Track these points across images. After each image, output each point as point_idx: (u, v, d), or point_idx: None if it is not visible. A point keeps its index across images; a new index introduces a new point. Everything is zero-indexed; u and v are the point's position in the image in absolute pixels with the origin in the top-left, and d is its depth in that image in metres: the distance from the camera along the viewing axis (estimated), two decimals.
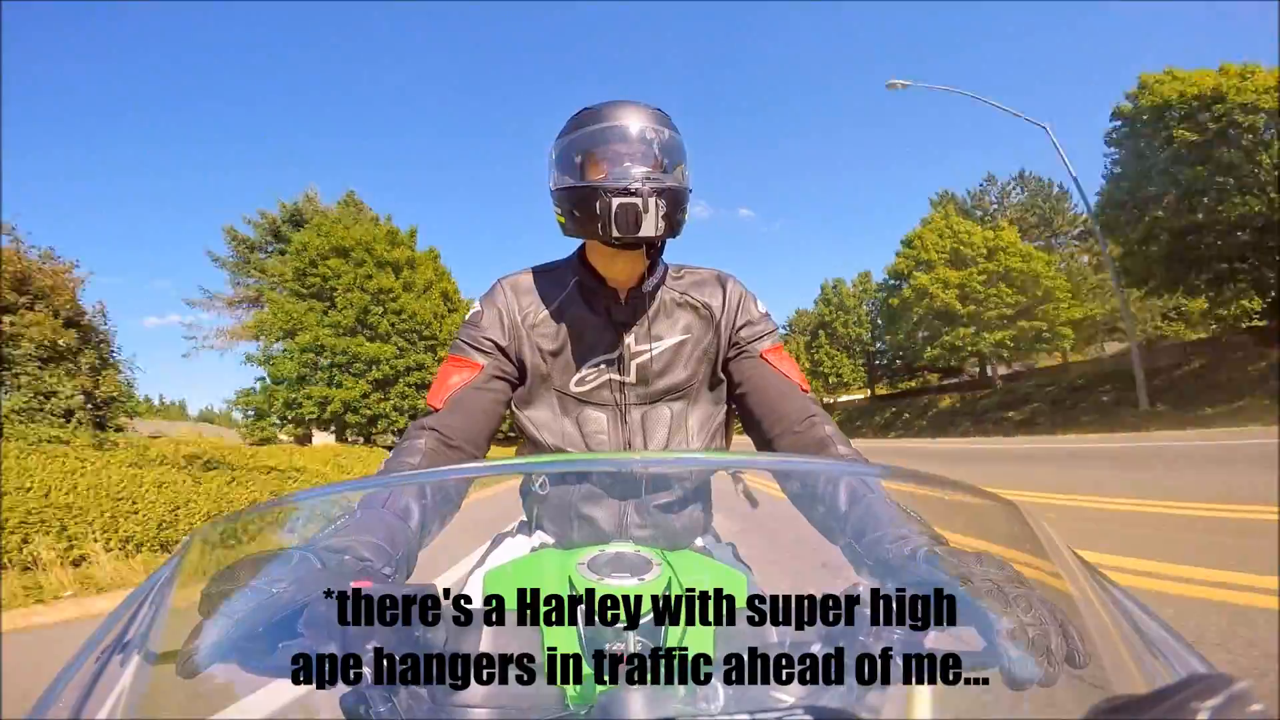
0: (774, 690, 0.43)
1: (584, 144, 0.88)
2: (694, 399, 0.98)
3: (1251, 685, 0.25)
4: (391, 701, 0.40)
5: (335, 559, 0.51)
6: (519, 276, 1.00)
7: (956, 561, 0.49)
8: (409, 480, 0.69)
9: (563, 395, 0.96)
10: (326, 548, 0.53)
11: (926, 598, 0.46)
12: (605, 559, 0.61)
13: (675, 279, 1.00)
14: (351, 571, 0.51)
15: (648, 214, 0.81)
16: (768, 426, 0.92)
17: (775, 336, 1.00)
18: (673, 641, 0.52)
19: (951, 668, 0.44)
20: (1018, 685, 0.39)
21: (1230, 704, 0.24)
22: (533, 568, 0.71)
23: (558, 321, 0.95)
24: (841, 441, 0.87)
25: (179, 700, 0.42)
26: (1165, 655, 0.41)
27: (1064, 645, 0.40)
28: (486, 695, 0.44)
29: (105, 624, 0.46)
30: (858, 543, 0.63)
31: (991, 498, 0.49)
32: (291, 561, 0.44)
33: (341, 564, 0.51)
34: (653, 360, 0.95)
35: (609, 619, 0.53)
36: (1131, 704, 0.27)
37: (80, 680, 0.41)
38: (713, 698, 0.40)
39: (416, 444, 0.85)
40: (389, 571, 0.58)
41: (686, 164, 0.90)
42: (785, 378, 0.95)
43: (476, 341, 0.94)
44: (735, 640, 0.46)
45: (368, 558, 0.56)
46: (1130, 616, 0.44)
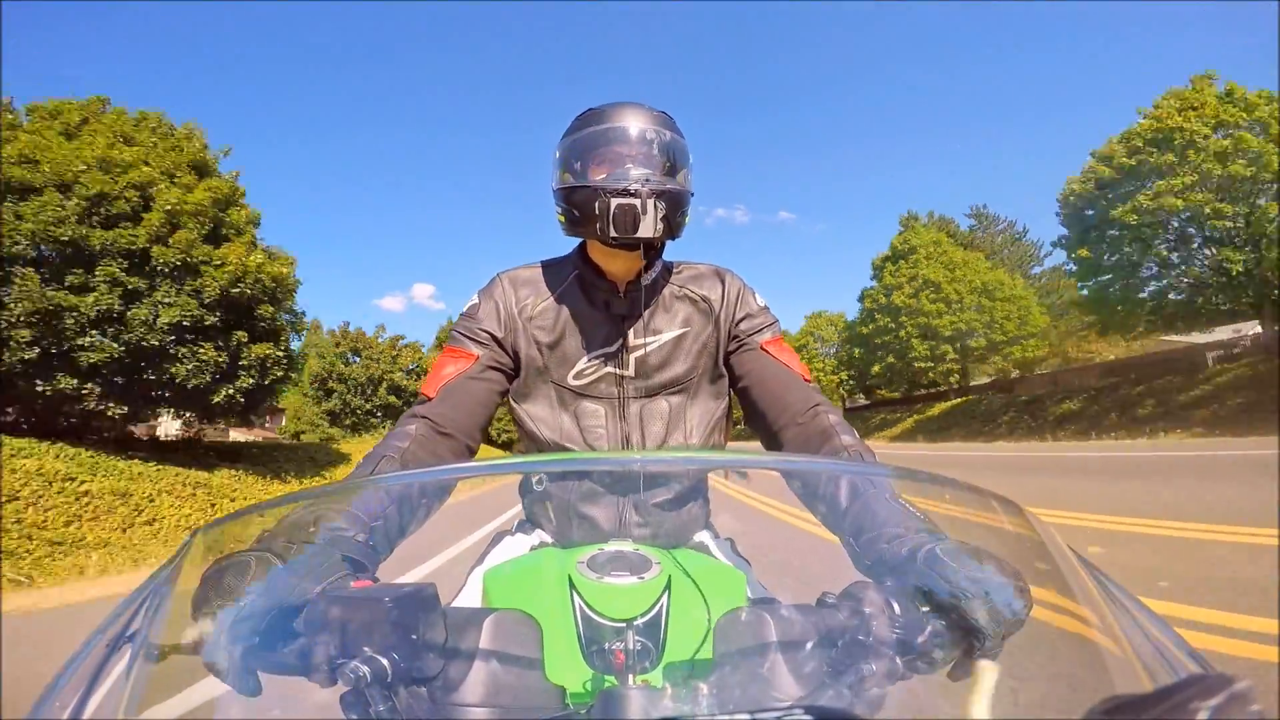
0: (774, 689, 0.43)
1: (585, 144, 0.88)
2: (693, 393, 0.98)
3: (1251, 685, 0.25)
4: (391, 700, 0.40)
5: (333, 556, 0.52)
6: (518, 270, 1.00)
7: (956, 561, 0.49)
8: (409, 480, 0.69)
9: (560, 388, 0.96)
10: (325, 545, 0.54)
11: (926, 597, 0.46)
12: (605, 557, 0.61)
13: (674, 273, 1.00)
14: (349, 568, 0.51)
15: (646, 215, 0.81)
16: (772, 418, 0.92)
17: (775, 328, 1.00)
18: (672, 640, 0.52)
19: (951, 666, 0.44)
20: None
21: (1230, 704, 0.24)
22: (532, 566, 0.71)
23: (556, 314, 0.96)
24: (846, 431, 0.87)
25: (179, 699, 0.42)
26: (1165, 655, 0.41)
27: None
28: (486, 694, 0.44)
29: (106, 622, 0.46)
30: (856, 540, 0.63)
31: (991, 497, 0.49)
32: (290, 560, 0.44)
33: (338, 561, 0.51)
34: (652, 354, 0.95)
35: (608, 617, 0.53)
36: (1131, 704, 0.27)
37: (81, 678, 0.41)
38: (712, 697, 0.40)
39: (407, 429, 0.85)
40: (384, 554, 0.60)
41: (689, 167, 0.90)
42: (787, 368, 0.95)
43: (472, 333, 0.94)
44: (735, 639, 0.46)
45: (363, 554, 0.57)
46: (1130, 616, 0.44)
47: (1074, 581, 0.46)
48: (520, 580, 0.67)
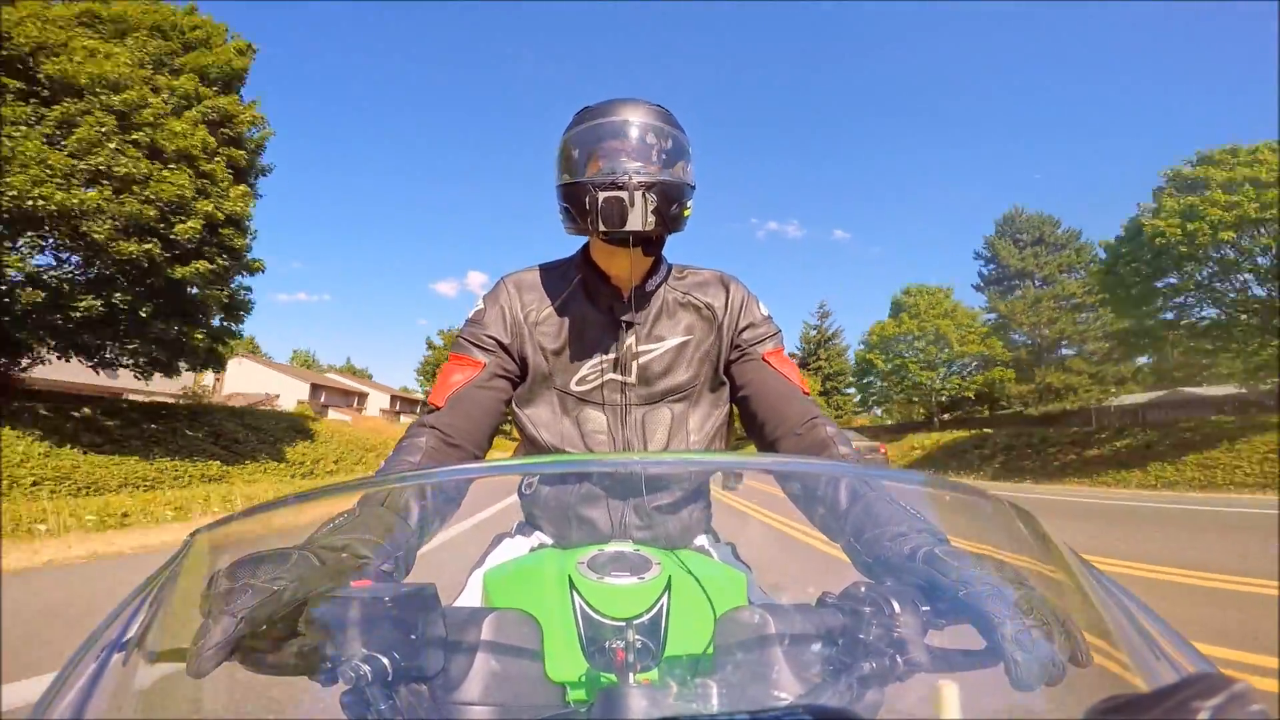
0: (774, 688, 0.43)
1: (580, 140, 0.88)
2: (695, 400, 0.98)
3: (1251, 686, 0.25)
4: (392, 700, 0.40)
5: (335, 557, 0.51)
6: (523, 274, 1.00)
7: (957, 561, 0.49)
8: (408, 480, 0.69)
9: (563, 394, 0.96)
10: (326, 546, 0.53)
11: (927, 597, 0.46)
12: (605, 558, 0.61)
13: (678, 279, 1.00)
14: (351, 570, 0.51)
15: (634, 208, 0.81)
16: (770, 429, 0.92)
17: (778, 339, 1.00)
18: (673, 640, 0.52)
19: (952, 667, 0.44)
20: (1023, 685, 0.39)
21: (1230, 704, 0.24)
22: (533, 566, 0.71)
23: (560, 320, 0.95)
24: (843, 442, 0.87)
25: (180, 699, 0.42)
26: (1165, 655, 0.41)
27: (1067, 644, 0.40)
28: (486, 692, 0.44)
29: (105, 623, 0.46)
30: (857, 540, 0.63)
31: (991, 498, 0.49)
32: (291, 560, 0.44)
33: (341, 562, 0.51)
34: (654, 361, 0.95)
35: (609, 617, 0.53)
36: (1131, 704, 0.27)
37: (81, 680, 0.41)
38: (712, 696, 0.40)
39: (417, 442, 0.85)
40: (389, 569, 0.58)
41: (688, 161, 0.90)
42: (787, 380, 0.95)
43: (478, 339, 0.94)
44: (735, 639, 0.46)
45: (367, 556, 0.56)
46: (1130, 616, 0.44)
47: (1073, 581, 0.46)
48: (520, 580, 0.67)
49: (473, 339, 0.94)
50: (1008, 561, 0.48)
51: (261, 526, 0.52)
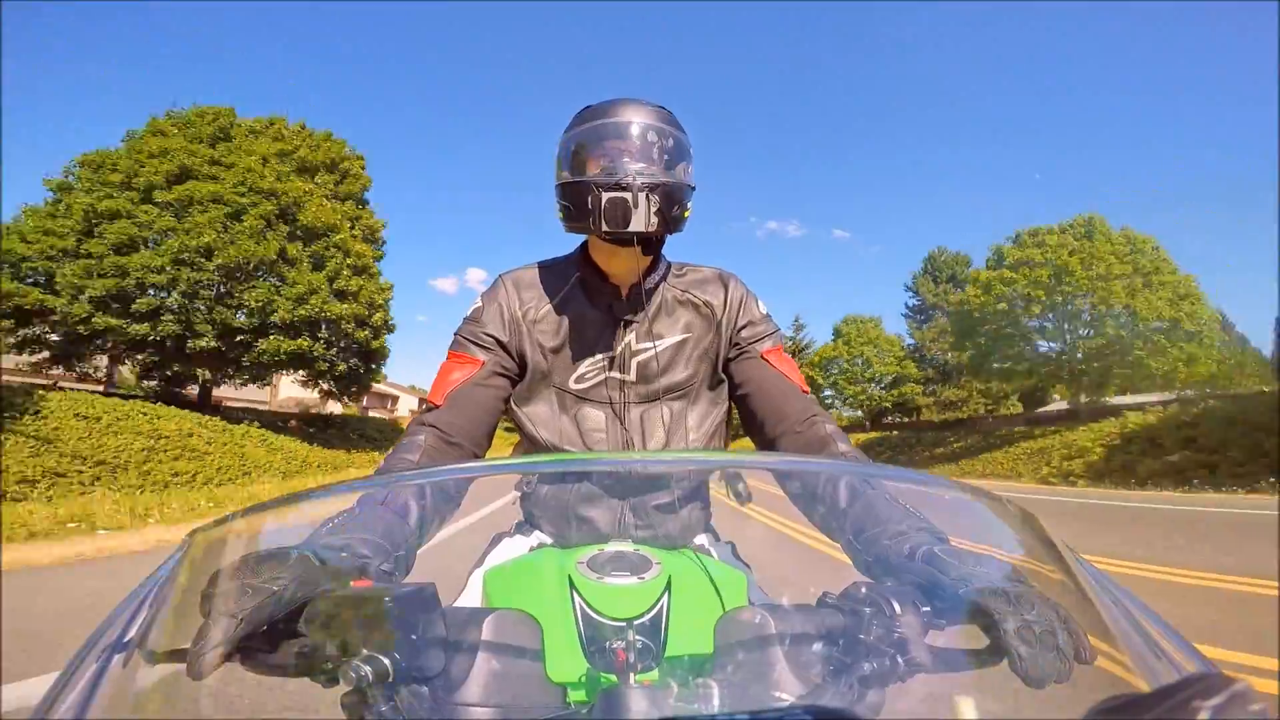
0: (774, 688, 0.43)
1: (581, 140, 0.88)
2: (694, 398, 0.98)
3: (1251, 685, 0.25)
4: (392, 700, 0.40)
5: (335, 557, 0.51)
6: (521, 272, 1.00)
7: (957, 560, 0.49)
8: (408, 480, 0.69)
9: (562, 392, 0.96)
10: (326, 546, 0.53)
11: (927, 596, 0.46)
12: (605, 558, 0.61)
13: (677, 276, 1.00)
14: (351, 570, 0.51)
15: (638, 209, 0.81)
16: (769, 427, 0.92)
17: (776, 337, 1.00)
18: (673, 640, 0.52)
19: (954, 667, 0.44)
20: (1032, 682, 0.39)
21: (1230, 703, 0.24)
22: (532, 566, 0.71)
23: (559, 318, 0.95)
24: (842, 440, 0.87)
25: (181, 700, 0.42)
26: (1165, 655, 0.41)
27: (1071, 642, 0.40)
28: (487, 693, 0.44)
29: (106, 623, 0.46)
30: (857, 539, 0.63)
31: (990, 497, 0.49)
32: (291, 560, 0.44)
33: (341, 562, 0.51)
34: (653, 359, 0.95)
35: (609, 617, 0.53)
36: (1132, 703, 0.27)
37: (82, 681, 0.41)
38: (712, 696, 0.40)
39: (416, 440, 0.85)
40: (388, 569, 0.58)
41: (689, 162, 0.90)
42: (786, 378, 0.95)
43: (477, 337, 0.94)
44: (736, 639, 0.46)
45: (367, 555, 0.56)
46: (1130, 615, 0.44)
47: (1073, 581, 0.46)
48: (520, 580, 0.67)
49: (471, 337, 0.94)
50: (1008, 561, 0.48)
51: (261, 526, 0.52)
